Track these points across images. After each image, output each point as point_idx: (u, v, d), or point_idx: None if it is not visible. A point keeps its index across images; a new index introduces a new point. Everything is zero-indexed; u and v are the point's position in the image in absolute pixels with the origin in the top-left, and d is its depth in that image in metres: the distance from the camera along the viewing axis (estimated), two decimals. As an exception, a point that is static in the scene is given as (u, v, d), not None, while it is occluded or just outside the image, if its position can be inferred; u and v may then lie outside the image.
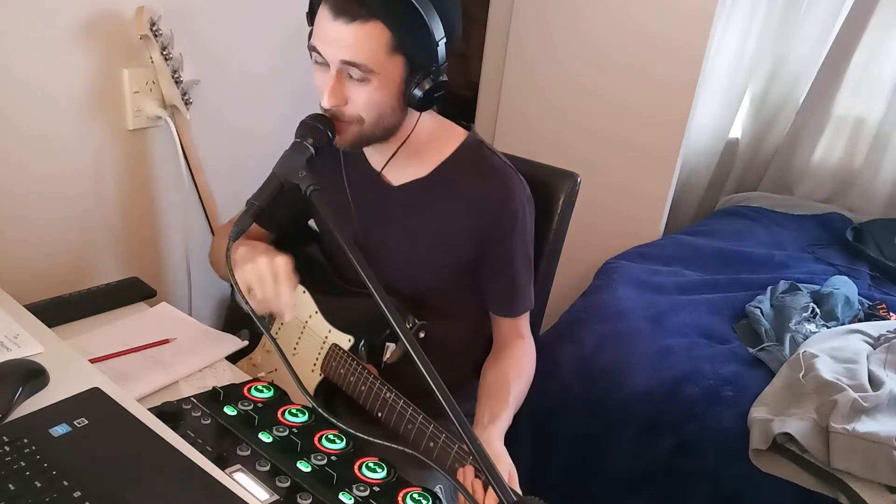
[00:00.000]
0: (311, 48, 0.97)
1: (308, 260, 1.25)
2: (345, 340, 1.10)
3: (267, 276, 0.98)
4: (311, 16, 1.00)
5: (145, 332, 1.11)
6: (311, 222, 1.32)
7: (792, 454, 1.30)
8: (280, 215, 1.21)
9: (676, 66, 2.09)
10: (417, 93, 0.98)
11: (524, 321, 1.19)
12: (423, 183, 1.10)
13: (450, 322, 1.15)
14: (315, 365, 1.13)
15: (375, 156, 1.12)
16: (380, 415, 1.00)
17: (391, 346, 1.08)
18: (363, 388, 1.03)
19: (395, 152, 1.08)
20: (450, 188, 1.09)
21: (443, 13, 0.94)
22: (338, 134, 1.00)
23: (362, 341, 1.09)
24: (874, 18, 2.35)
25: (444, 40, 0.96)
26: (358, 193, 1.13)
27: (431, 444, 0.94)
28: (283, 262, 1.00)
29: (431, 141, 1.10)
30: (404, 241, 1.12)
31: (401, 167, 1.10)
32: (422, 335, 1.05)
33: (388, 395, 1.00)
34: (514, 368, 1.13)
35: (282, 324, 1.19)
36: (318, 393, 1.12)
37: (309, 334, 1.15)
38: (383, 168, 1.11)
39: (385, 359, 1.09)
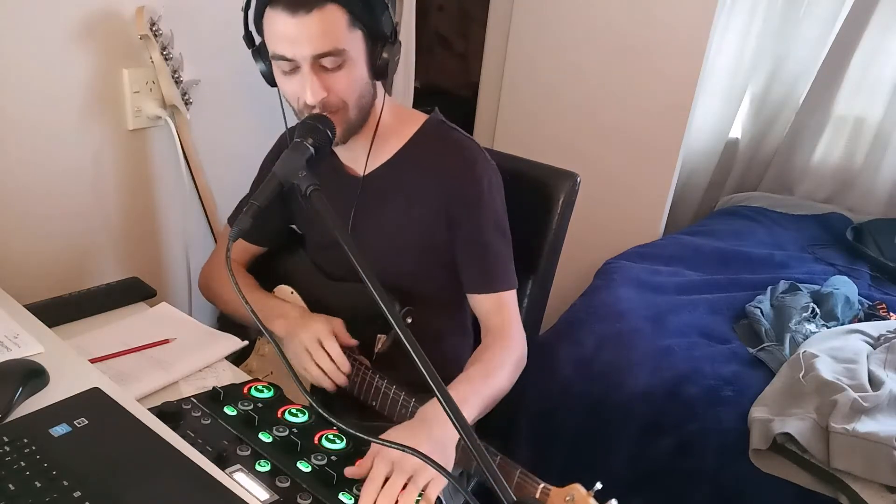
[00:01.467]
0: (275, 57, 0.98)
1: (294, 259, 1.26)
2: None
3: (318, 349, 1.05)
4: (250, 37, 1.04)
5: (145, 332, 1.11)
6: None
7: (792, 454, 1.30)
8: (270, 229, 1.24)
9: (676, 65, 2.09)
10: (380, 63, 1.02)
11: (508, 303, 1.12)
12: (387, 166, 1.12)
13: (434, 309, 1.14)
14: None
15: (342, 150, 1.13)
16: (374, 403, 1.01)
17: (382, 338, 1.09)
18: (356, 379, 1.05)
19: (372, 142, 1.10)
20: (414, 167, 1.10)
21: None
22: None
23: (351, 335, 1.10)
24: (874, 18, 2.35)
25: (392, 2, 1.00)
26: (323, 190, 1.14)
27: None
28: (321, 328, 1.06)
29: (394, 127, 1.12)
30: (378, 228, 1.13)
31: (368, 157, 1.12)
32: (409, 321, 1.05)
33: (380, 382, 1.01)
34: (483, 369, 1.05)
35: None
36: (312, 391, 1.12)
37: None
38: (365, 167, 1.12)
39: (376, 349, 1.10)
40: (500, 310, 1.12)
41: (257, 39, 1.05)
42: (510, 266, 1.14)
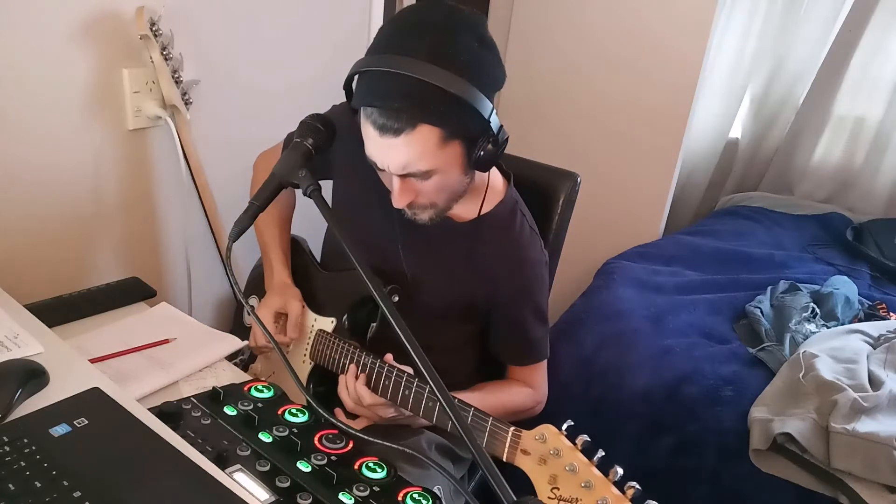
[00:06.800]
0: (369, 159, 0.97)
1: (292, 255, 1.27)
2: (328, 324, 1.12)
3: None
4: (355, 111, 0.98)
5: (145, 332, 1.11)
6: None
7: (792, 454, 1.30)
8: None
9: (677, 65, 2.09)
10: (483, 155, 0.95)
11: (535, 371, 1.19)
12: (457, 228, 1.10)
13: (446, 354, 1.11)
14: (305, 355, 1.14)
15: None
16: (369, 384, 1.01)
17: (374, 326, 1.10)
18: (347, 361, 1.05)
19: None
20: (475, 247, 1.10)
21: (484, 84, 0.90)
22: (415, 216, 1.02)
23: (344, 317, 1.11)
24: (874, 18, 2.35)
25: (494, 111, 0.93)
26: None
27: (431, 404, 0.95)
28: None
29: (478, 187, 1.09)
30: (426, 264, 1.12)
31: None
32: (395, 299, 1.06)
33: (373, 362, 1.01)
34: (501, 393, 1.15)
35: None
36: (310, 382, 1.14)
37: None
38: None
39: (369, 336, 1.11)
40: (527, 373, 1.19)
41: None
42: (544, 343, 1.18)
